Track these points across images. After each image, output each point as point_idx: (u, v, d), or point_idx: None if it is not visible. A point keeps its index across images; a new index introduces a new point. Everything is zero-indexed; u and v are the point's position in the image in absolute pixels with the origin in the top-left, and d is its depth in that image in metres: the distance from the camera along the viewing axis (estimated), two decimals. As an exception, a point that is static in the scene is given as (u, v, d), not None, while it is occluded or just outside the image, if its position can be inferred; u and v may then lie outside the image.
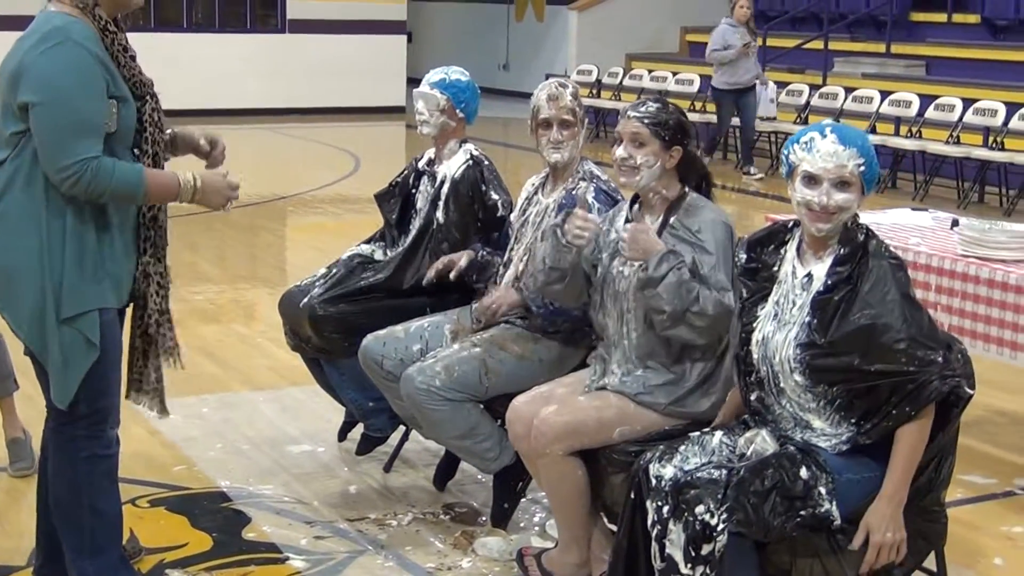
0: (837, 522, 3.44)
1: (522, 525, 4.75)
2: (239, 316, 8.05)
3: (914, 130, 13.30)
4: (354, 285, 5.06)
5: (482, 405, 4.55)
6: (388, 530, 4.72)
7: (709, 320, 3.91)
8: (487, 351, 4.55)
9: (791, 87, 15.13)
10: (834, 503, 3.44)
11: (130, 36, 3.85)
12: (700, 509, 3.36)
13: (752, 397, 3.67)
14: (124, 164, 3.70)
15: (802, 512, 3.41)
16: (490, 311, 4.62)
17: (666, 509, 3.43)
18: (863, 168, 3.51)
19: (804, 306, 3.54)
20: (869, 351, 3.41)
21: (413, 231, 5.10)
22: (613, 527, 4.06)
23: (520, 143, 15.63)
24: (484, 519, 4.79)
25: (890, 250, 3.55)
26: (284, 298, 5.25)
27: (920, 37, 16.86)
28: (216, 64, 18.54)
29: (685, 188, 4.15)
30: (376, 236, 5.38)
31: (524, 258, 4.68)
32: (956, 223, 5.79)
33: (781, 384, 3.57)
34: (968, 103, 12.94)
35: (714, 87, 14.40)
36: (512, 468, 4.58)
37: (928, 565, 3.73)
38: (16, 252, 3.66)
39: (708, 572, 3.35)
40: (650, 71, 17.50)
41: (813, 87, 15.03)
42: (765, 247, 3.73)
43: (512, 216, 4.90)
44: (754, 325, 3.65)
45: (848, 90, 14.42)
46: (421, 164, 5.24)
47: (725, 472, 3.43)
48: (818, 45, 16.49)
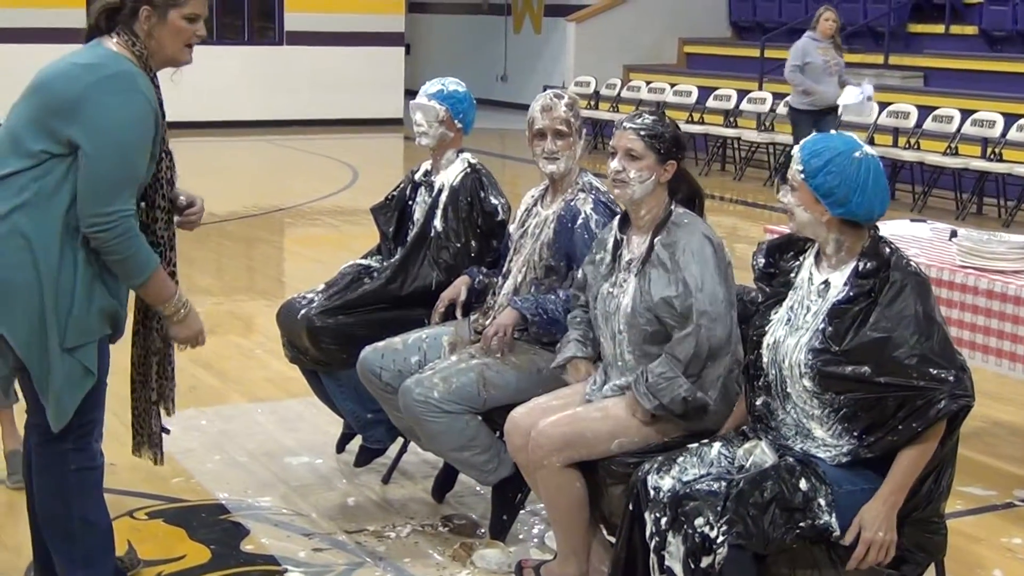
0: (836, 533, 3.44)
1: (521, 537, 4.74)
2: (237, 328, 8.04)
3: (912, 141, 13.32)
4: (352, 295, 5.06)
5: (480, 417, 4.55)
6: (387, 542, 4.71)
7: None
8: (485, 363, 4.54)
9: (789, 99, 15.12)
10: (833, 515, 3.44)
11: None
12: (699, 521, 3.35)
13: (758, 402, 3.66)
14: (147, 246, 3.71)
15: (801, 524, 3.41)
16: (495, 340, 4.56)
17: (664, 521, 3.43)
18: (803, 175, 3.52)
19: (819, 313, 3.54)
20: (881, 363, 3.41)
21: (411, 240, 5.09)
22: (612, 539, 4.05)
23: (518, 154, 15.64)
24: (483, 531, 4.78)
25: (913, 265, 3.54)
26: (282, 310, 5.25)
27: (918, 48, 16.90)
28: (214, 76, 18.50)
29: (672, 205, 4.14)
30: (373, 250, 5.38)
31: (523, 270, 4.68)
32: (955, 234, 5.79)
33: (788, 389, 3.56)
34: (966, 114, 12.96)
35: (791, 107, 12.89)
36: (511, 480, 4.58)
37: (928, 576, 3.72)
38: (20, 270, 3.61)
39: (707, 584, 3.35)
40: (648, 83, 17.52)
41: (811, 98, 15.02)
42: (784, 253, 3.74)
43: (511, 228, 4.90)
44: (766, 329, 3.65)
45: (846, 101, 14.42)
46: (417, 176, 5.23)
47: (724, 484, 3.42)
48: (816, 56, 16.49)
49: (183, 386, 4.25)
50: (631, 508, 3.59)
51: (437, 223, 5.02)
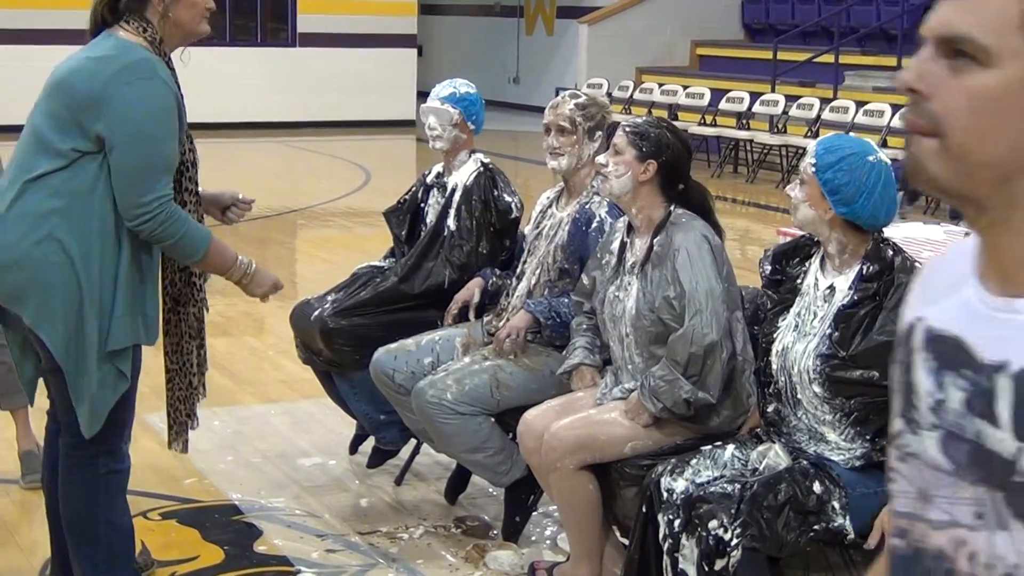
0: (851, 536, 3.44)
1: (533, 539, 4.75)
2: (250, 329, 8.06)
3: (925, 143, 13.28)
4: (365, 295, 5.06)
5: (493, 418, 4.55)
6: (399, 543, 4.72)
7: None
8: (498, 364, 4.54)
9: (802, 101, 15.13)
10: (847, 518, 3.43)
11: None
12: (713, 524, 3.35)
13: (769, 409, 3.66)
14: (195, 222, 3.74)
15: (816, 527, 3.41)
16: (508, 342, 4.56)
17: (678, 523, 3.43)
18: (814, 170, 3.52)
19: (826, 318, 3.54)
20: (888, 368, 3.40)
21: (423, 238, 5.09)
22: (625, 541, 4.05)
23: (530, 156, 15.64)
24: (496, 532, 4.79)
25: (918, 265, 3.54)
26: (295, 311, 5.25)
27: (931, 51, 16.84)
28: (226, 78, 18.55)
29: (671, 207, 4.13)
30: (387, 254, 5.39)
31: (536, 272, 4.68)
32: (968, 235, 5.77)
33: (798, 395, 3.56)
34: (979, 117, 12.91)
35: None
36: (523, 481, 4.58)
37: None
38: (60, 273, 3.59)
39: (721, 587, 3.35)
40: (660, 85, 17.52)
41: (824, 101, 15.02)
42: (790, 259, 3.74)
43: (526, 229, 4.90)
44: (775, 336, 3.65)
45: (859, 104, 14.41)
46: (429, 179, 5.24)
47: (738, 487, 3.42)
48: (829, 59, 16.49)
49: (195, 387, 4.26)
50: (644, 510, 3.59)
51: (450, 222, 5.03)
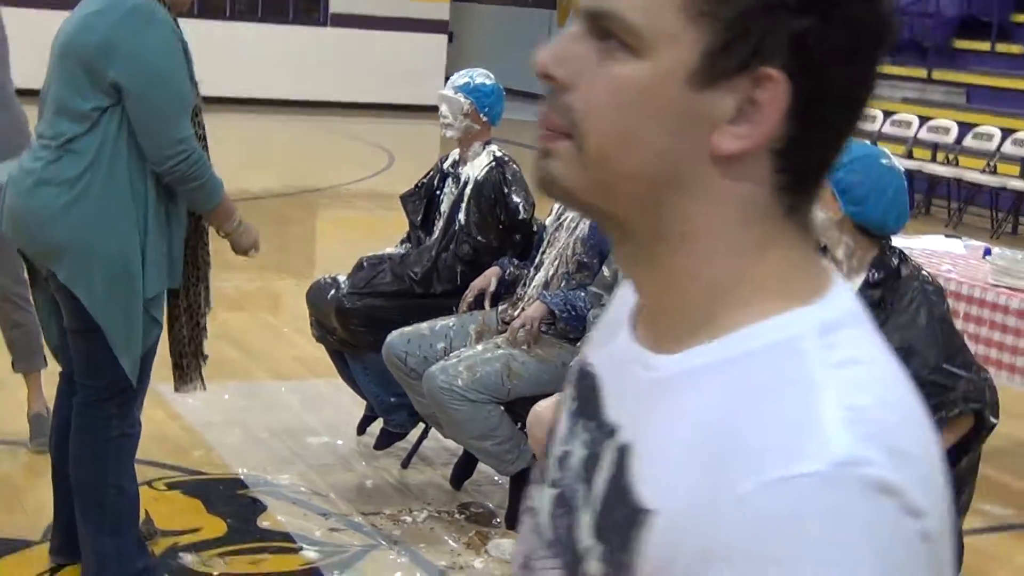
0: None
1: (536, 529, 4.74)
2: (266, 305, 8.07)
3: (951, 157, 13.25)
4: (382, 284, 5.08)
5: (503, 407, 4.55)
6: (403, 526, 4.73)
7: None
8: (511, 354, 4.54)
9: None
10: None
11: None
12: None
13: None
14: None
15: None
16: (522, 332, 4.56)
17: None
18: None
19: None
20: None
21: (437, 233, 5.11)
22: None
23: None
24: (499, 521, 4.79)
25: (925, 274, 3.53)
26: (312, 289, 5.27)
27: (962, 65, 16.80)
28: (256, 54, 18.58)
29: None
30: (404, 238, 5.40)
31: (555, 263, 4.68)
32: (988, 252, 5.77)
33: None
34: (1007, 133, 12.88)
35: None
36: (529, 471, 4.58)
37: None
38: (98, 229, 3.66)
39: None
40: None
41: (852, 109, 14.95)
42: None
43: (547, 220, 4.90)
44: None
45: (887, 113, 14.36)
46: (446, 165, 5.24)
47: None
48: (859, 67, 16.42)
49: (208, 360, 4.27)
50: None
51: (461, 216, 5.03)
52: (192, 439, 5.40)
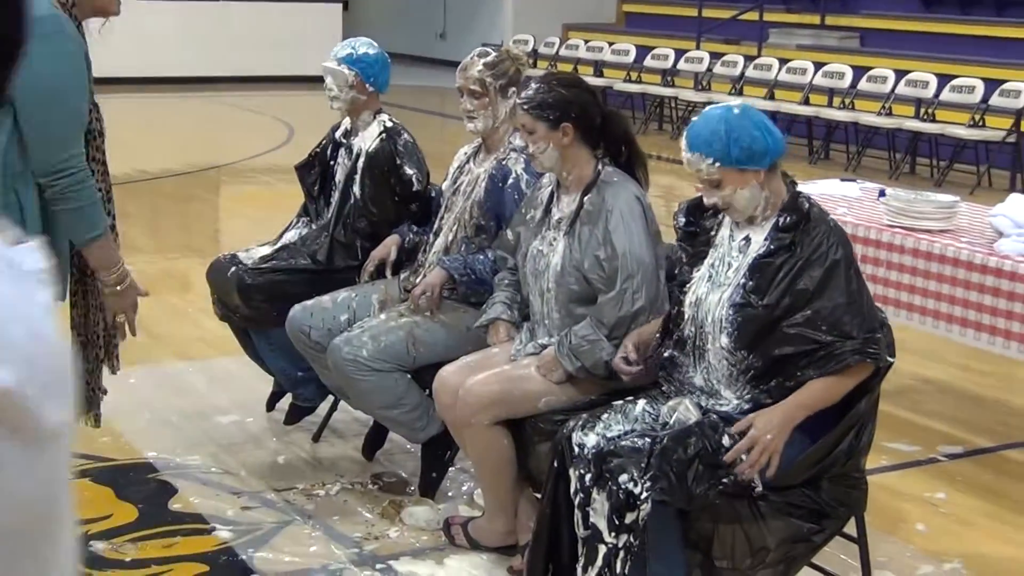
0: (759, 488, 3.47)
1: (450, 494, 4.76)
2: (171, 287, 7.97)
3: (847, 101, 13.39)
4: (281, 262, 5.05)
5: (409, 375, 4.55)
6: (316, 500, 4.72)
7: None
8: (414, 321, 4.54)
9: (726, 58, 15.18)
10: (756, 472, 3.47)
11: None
12: (624, 478, 3.38)
13: (666, 354, 3.69)
14: (100, 202, 3.67)
15: (724, 480, 3.44)
16: (424, 299, 4.55)
17: (588, 477, 3.45)
18: (718, 163, 3.49)
19: (740, 268, 3.57)
20: (796, 318, 3.45)
21: (333, 206, 5.08)
22: (539, 495, 4.07)
23: (456, 113, 15.56)
24: (412, 489, 4.79)
25: (831, 219, 3.58)
26: (212, 267, 5.22)
27: (854, 9, 16.96)
28: (149, 31, 18.27)
29: (599, 164, 4.13)
30: (300, 211, 5.36)
31: (454, 228, 4.67)
32: (883, 193, 5.84)
33: (707, 346, 3.59)
34: (900, 75, 13.05)
35: None
36: (440, 438, 4.59)
37: (849, 531, 3.77)
38: None
39: (632, 540, 3.37)
40: (586, 41, 17.50)
41: (748, 58, 15.08)
42: (704, 211, 3.74)
43: (444, 185, 4.88)
44: (688, 287, 3.67)
45: (782, 61, 14.49)
46: (338, 135, 5.21)
47: (648, 440, 3.45)
48: (753, 16, 16.55)
49: (112, 344, 4.22)
50: (556, 465, 3.61)
51: (356, 190, 5.01)
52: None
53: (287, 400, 5.34)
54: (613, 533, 3.39)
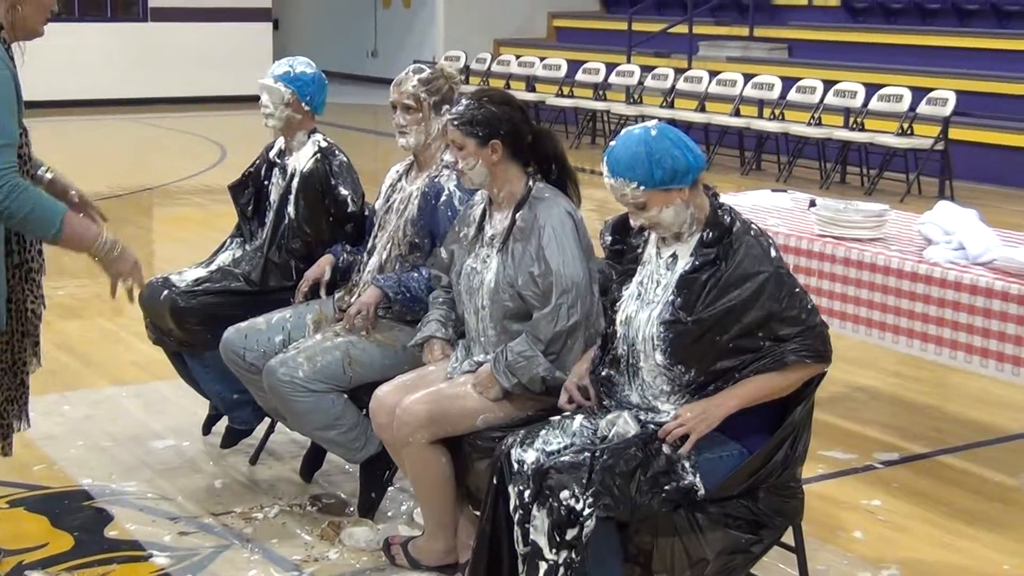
0: (702, 492, 3.48)
1: (390, 514, 4.74)
2: (103, 311, 7.90)
3: (777, 112, 13.50)
4: (215, 284, 5.02)
5: (346, 395, 4.53)
6: (254, 523, 4.68)
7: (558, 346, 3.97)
8: (349, 341, 4.52)
9: (657, 71, 15.27)
10: (697, 475, 3.48)
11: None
12: (565, 494, 3.37)
13: (603, 373, 3.70)
14: (48, 197, 3.63)
15: (667, 487, 3.45)
16: (358, 319, 4.53)
17: (528, 493, 3.45)
18: (642, 187, 3.50)
19: (668, 285, 3.58)
20: (730, 330, 3.47)
21: (268, 226, 5.05)
22: (479, 513, 4.07)
23: (390, 130, 15.55)
24: (352, 509, 4.77)
25: (755, 228, 3.61)
26: (145, 291, 5.15)
27: (782, 20, 17.15)
28: (76, 54, 18.13)
29: (531, 181, 4.14)
30: (234, 232, 5.32)
31: (388, 246, 4.66)
32: (813, 203, 5.89)
33: (640, 364, 3.60)
34: (829, 85, 13.18)
35: None
36: (378, 457, 4.57)
37: (787, 540, 3.79)
38: None
39: (573, 556, 3.37)
40: (518, 56, 17.55)
41: (678, 71, 15.17)
42: (629, 229, 3.76)
43: (376, 204, 4.87)
44: (618, 306, 3.68)
45: (712, 74, 14.59)
46: (272, 155, 5.19)
47: (588, 455, 3.45)
48: (683, 29, 16.67)
49: (45, 370, 4.17)
50: (495, 482, 3.60)
51: (290, 210, 4.99)
52: (33, 454, 5.27)
53: (223, 423, 5.30)
54: (554, 550, 3.39)
